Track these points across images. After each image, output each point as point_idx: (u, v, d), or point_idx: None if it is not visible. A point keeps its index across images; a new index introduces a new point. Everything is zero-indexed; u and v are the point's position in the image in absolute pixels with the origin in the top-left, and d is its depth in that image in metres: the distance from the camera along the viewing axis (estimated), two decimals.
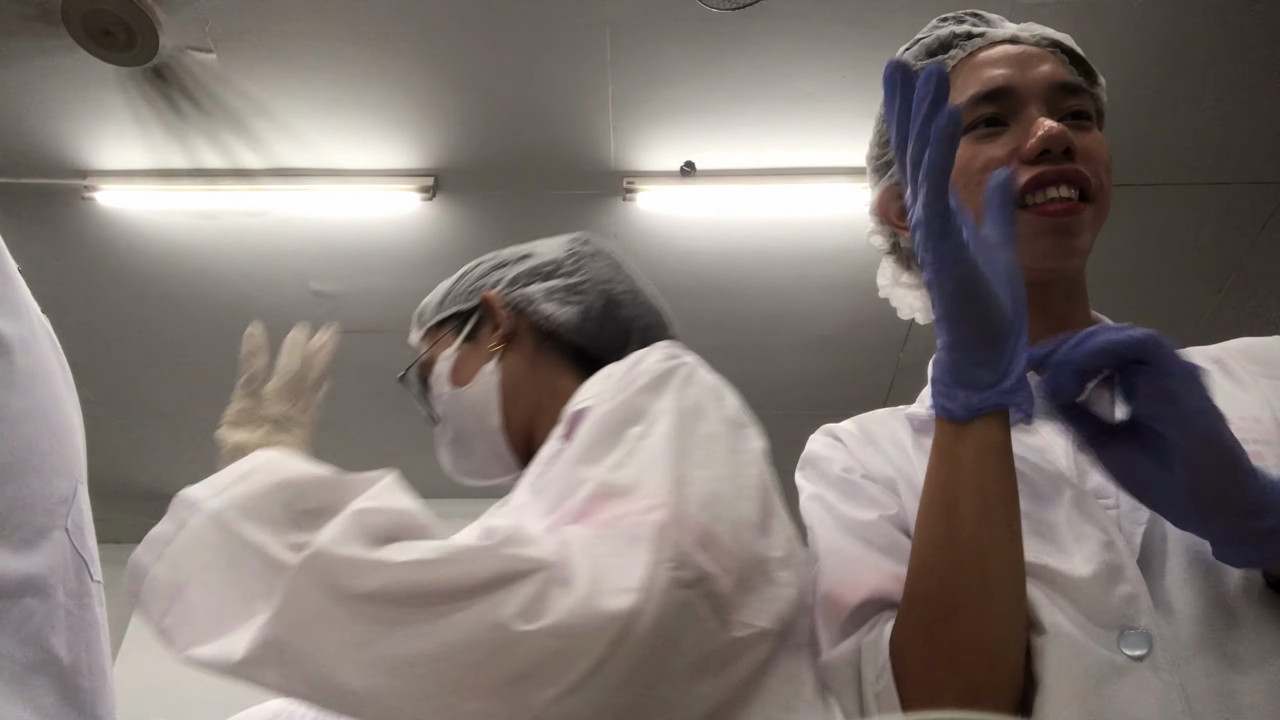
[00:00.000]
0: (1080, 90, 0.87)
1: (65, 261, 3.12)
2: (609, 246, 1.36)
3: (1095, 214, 0.83)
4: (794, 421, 4.37)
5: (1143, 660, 0.66)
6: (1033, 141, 0.81)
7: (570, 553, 0.64)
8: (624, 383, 0.86)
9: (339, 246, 3.08)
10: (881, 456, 0.87)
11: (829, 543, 0.83)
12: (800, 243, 3.02)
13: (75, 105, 2.65)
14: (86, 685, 0.57)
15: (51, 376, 0.62)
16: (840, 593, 0.77)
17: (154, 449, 3.98)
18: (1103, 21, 2.39)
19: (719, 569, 0.66)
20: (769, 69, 2.54)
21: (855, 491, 0.85)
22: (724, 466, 0.76)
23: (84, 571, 0.60)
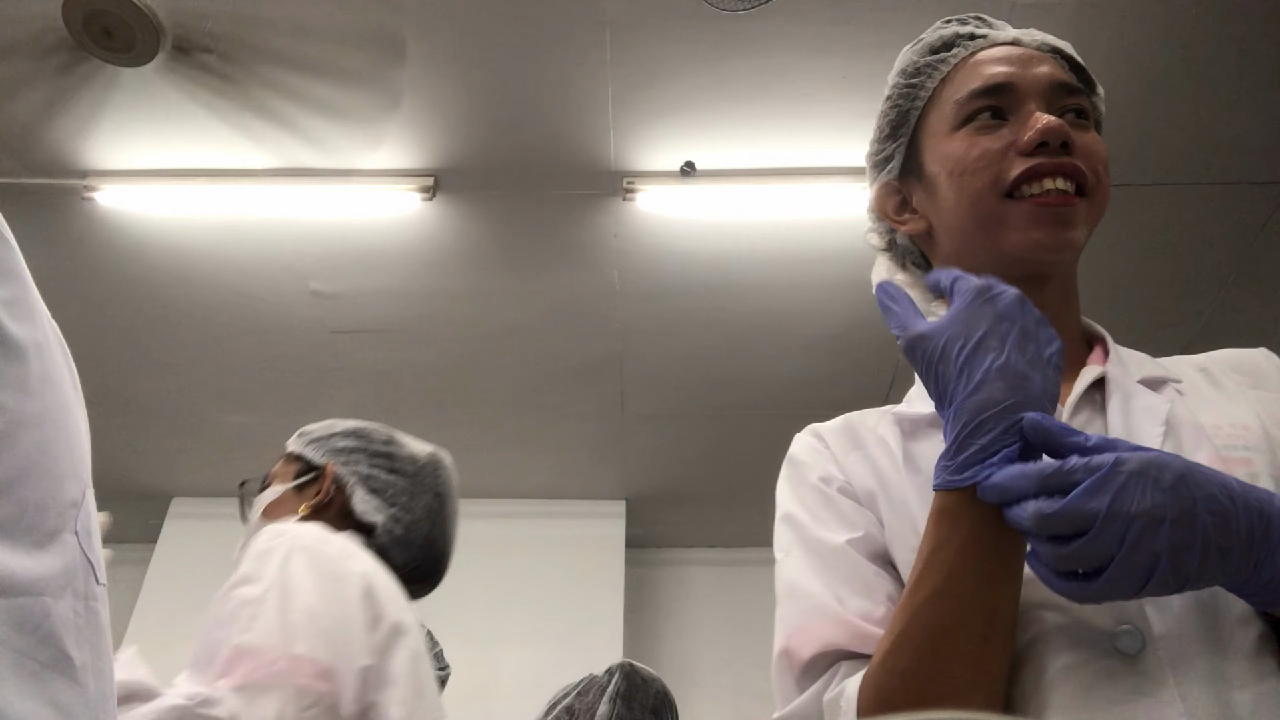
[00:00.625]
0: (1079, 91, 0.88)
1: (65, 261, 3.12)
2: (451, 484, 1.75)
3: (1091, 210, 0.83)
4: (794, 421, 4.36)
5: (1137, 658, 0.66)
6: (1030, 133, 0.81)
7: (236, 708, 0.95)
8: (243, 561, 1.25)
9: (339, 246, 3.08)
10: (866, 463, 0.86)
11: (789, 582, 0.82)
12: (800, 243, 3.02)
13: (75, 105, 2.65)
14: (93, 687, 0.58)
15: (61, 381, 0.63)
16: (794, 646, 0.77)
17: (154, 449, 3.98)
18: (1102, 21, 2.39)
19: (338, 686, 1.02)
20: (769, 69, 2.54)
21: (827, 507, 0.83)
22: (324, 607, 1.10)
23: (91, 575, 0.61)
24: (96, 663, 0.59)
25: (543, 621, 3.92)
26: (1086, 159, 0.82)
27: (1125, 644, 0.66)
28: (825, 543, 0.80)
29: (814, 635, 0.75)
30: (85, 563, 0.60)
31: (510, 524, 4.15)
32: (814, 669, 0.75)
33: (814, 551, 0.81)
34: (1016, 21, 0.99)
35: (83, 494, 0.63)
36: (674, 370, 3.53)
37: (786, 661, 0.77)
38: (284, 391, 3.66)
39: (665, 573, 4.44)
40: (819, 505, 0.84)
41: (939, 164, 0.89)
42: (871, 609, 0.75)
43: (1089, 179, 0.82)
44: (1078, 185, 0.81)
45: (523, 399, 3.68)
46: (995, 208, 0.82)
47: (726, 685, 4.10)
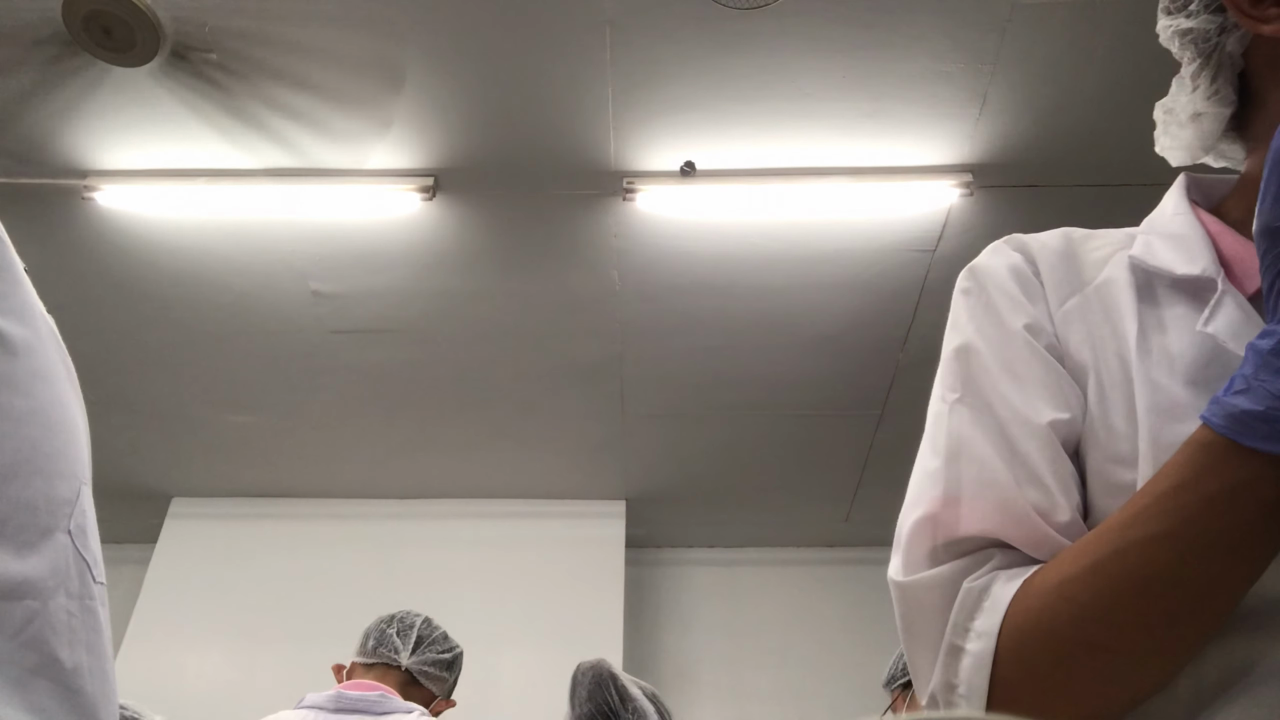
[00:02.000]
0: None
1: (65, 261, 3.12)
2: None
3: None
4: (794, 421, 4.41)
5: None
6: None
7: None
8: None
9: (339, 246, 3.08)
10: (1086, 318, 0.66)
11: (959, 437, 0.66)
12: (800, 243, 3.02)
13: (75, 105, 2.65)
14: (89, 688, 0.57)
15: (55, 377, 0.62)
16: (947, 517, 0.63)
17: (154, 449, 3.98)
18: (1102, 21, 2.39)
19: None
20: (769, 69, 2.54)
21: (1030, 371, 0.65)
22: None
23: (87, 574, 0.60)
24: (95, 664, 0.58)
25: (543, 621, 3.92)
26: None
27: None
28: (1016, 408, 0.64)
29: (976, 513, 0.62)
30: (80, 562, 0.59)
31: (510, 524, 4.15)
32: (962, 546, 0.62)
33: (998, 410, 0.65)
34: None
35: (78, 492, 0.61)
36: (674, 370, 3.53)
37: (930, 527, 0.64)
38: (284, 391, 3.66)
39: (665, 573, 4.44)
40: (1016, 358, 0.66)
41: None
42: (1056, 509, 0.60)
43: None
44: None
45: (523, 399, 3.68)
46: None
47: (726, 685, 4.10)
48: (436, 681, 2.09)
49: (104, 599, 0.63)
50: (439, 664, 2.10)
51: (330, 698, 1.90)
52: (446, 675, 2.12)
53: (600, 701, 1.83)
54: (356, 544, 4.12)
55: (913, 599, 0.64)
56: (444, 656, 2.11)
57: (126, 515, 4.29)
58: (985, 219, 2.92)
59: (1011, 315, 0.68)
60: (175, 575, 4.07)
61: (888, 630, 0.87)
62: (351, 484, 4.16)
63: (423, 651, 2.08)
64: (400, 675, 2.04)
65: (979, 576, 0.60)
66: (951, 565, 0.61)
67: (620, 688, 1.87)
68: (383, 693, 1.92)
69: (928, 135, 2.68)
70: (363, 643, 2.09)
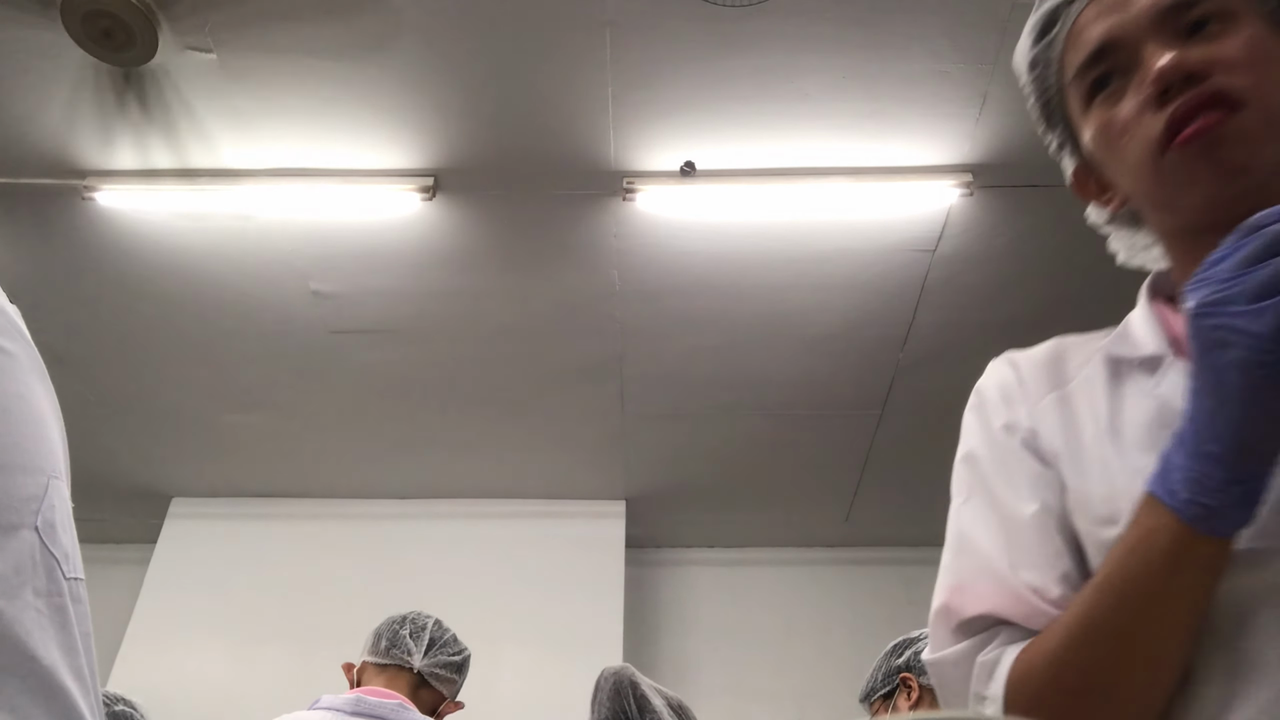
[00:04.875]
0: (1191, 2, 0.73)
1: (65, 261, 3.12)
2: None
3: (1261, 115, 0.69)
4: (794, 421, 4.40)
5: None
6: (1148, 86, 0.71)
7: None
8: None
9: (339, 246, 3.08)
10: (1061, 410, 0.77)
11: (962, 534, 0.78)
12: (800, 243, 3.02)
13: (75, 105, 2.65)
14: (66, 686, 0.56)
15: (16, 367, 0.61)
16: (956, 604, 0.75)
17: (154, 449, 3.98)
18: None
19: None
20: (769, 69, 2.54)
21: (1012, 462, 0.77)
22: None
23: (56, 570, 0.58)
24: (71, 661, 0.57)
25: (543, 621, 3.92)
26: (1230, 71, 0.69)
27: None
28: (1007, 504, 0.76)
29: (979, 597, 0.73)
30: (48, 558, 0.58)
31: (510, 524, 4.15)
32: (973, 626, 0.73)
33: (994, 508, 0.77)
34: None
35: (45, 486, 0.60)
36: (674, 370, 3.53)
37: (945, 613, 0.75)
38: (284, 391, 3.66)
39: (665, 573, 4.44)
40: (1003, 457, 0.78)
41: (1093, 146, 0.79)
42: (1047, 586, 0.71)
43: (1238, 86, 0.69)
44: (1229, 103, 0.69)
45: (523, 399, 3.68)
46: (1160, 172, 0.71)
47: (726, 685, 4.10)
48: (447, 684, 2.09)
49: (79, 594, 0.61)
50: (450, 666, 2.10)
51: (349, 701, 1.88)
52: (456, 678, 2.12)
53: (618, 709, 1.82)
54: (356, 544, 4.12)
55: (940, 674, 0.76)
56: (455, 659, 2.11)
57: (126, 515, 4.29)
58: (985, 219, 2.92)
59: (995, 419, 0.80)
60: (175, 575, 4.07)
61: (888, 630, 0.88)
62: (351, 484, 4.16)
63: (435, 654, 2.07)
64: (412, 677, 2.03)
65: (990, 651, 0.71)
66: (965, 644, 0.73)
67: (640, 696, 1.86)
68: (400, 702, 1.92)
69: (927, 135, 2.68)
70: (374, 643, 2.08)
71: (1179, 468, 0.61)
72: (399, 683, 2.00)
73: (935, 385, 3.46)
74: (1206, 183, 0.69)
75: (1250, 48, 0.71)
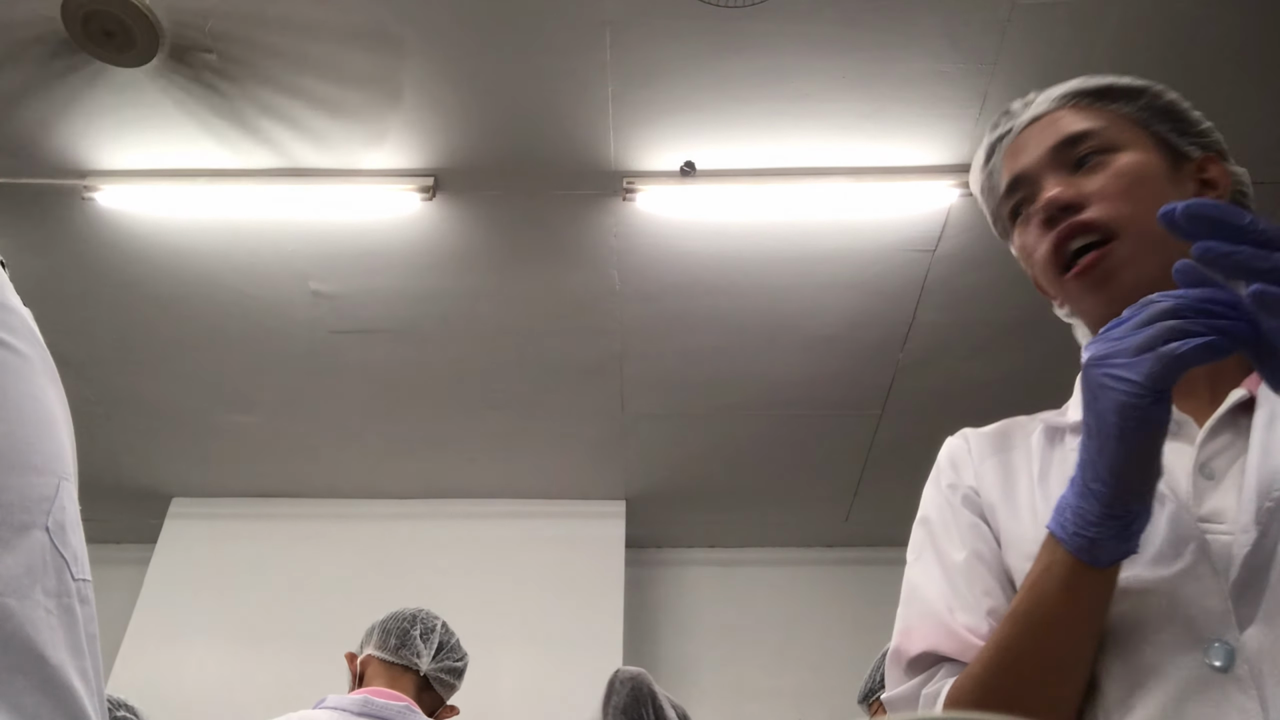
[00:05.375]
0: (1085, 136, 0.89)
1: (65, 261, 3.12)
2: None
3: (1135, 241, 0.83)
4: (794, 421, 4.40)
5: (1225, 672, 0.69)
6: (1035, 218, 0.88)
7: None
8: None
9: (339, 246, 3.08)
10: (1001, 470, 0.90)
11: (911, 586, 0.91)
12: (800, 243, 3.02)
13: (75, 105, 2.65)
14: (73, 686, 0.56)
15: (29, 371, 0.61)
16: (904, 645, 0.86)
17: (154, 449, 3.98)
18: (1103, 21, 2.39)
19: None
20: (769, 69, 2.54)
21: (951, 517, 0.90)
22: None
23: (65, 571, 0.59)
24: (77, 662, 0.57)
25: (543, 621, 3.92)
26: (1102, 201, 0.85)
27: (1214, 656, 0.69)
28: (946, 554, 0.88)
29: (922, 638, 0.84)
30: (58, 559, 0.58)
31: (510, 524, 4.15)
32: (919, 664, 0.84)
33: (938, 559, 0.89)
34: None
35: (56, 487, 0.60)
36: (674, 370, 3.53)
37: (896, 657, 0.87)
38: (284, 391, 3.66)
39: (665, 573, 4.44)
40: (946, 514, 0.91)
41: (1019, 260, 0.96)
42: (978, 623, 0.82)
43: (1105, 219, 0.84)
44: (1103, 233, 0.84)
45: (523, 399, 3.68)
46: (1063, 290, 0.88)
47: (726, 685, 4.10)
48: (447, 688, 2.09)
49: (86, 595, 0.62)
50: (453, 671, 2.10)
51: (356, 701, 1.88)
52: (457, 683, 2.12)
53: (635, 716, 1.82)
54: (357, 544, 4.12)
55: (895, 709, 0.86)
56: (458, 665, 2.12)
57: (126, 515, 4.29)
58: (985, 219, 2.92)
59: (943, 481, 0.93)
60: (175, 575, 4.07)
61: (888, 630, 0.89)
62: (351, 484, 4.16)
63: (442, 658, 2.07)
64: (417, 679, 2.03)
65: (934, 684, 0.82)
66: (914, 681, 0.84)
67: (658, 707, 1.86)
68: (408, 704, 1.92)
69: (928, 135, 2.68)
70: (383, 638, 2.06)
71: (1069, 506, 0.71)
72: (404, 683, 2.00)
73: (935, 385, 3.46)
74: (1101, 304, 0.84)
75: (1120, 179, 0.86)
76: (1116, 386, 0.66)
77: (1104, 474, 0.68)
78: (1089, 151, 0.88)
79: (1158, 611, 0.73)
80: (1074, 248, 0.85)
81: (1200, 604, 0.71)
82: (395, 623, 2.10)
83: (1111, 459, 0.67)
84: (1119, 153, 0.88)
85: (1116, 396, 0.66)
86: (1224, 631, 0.70)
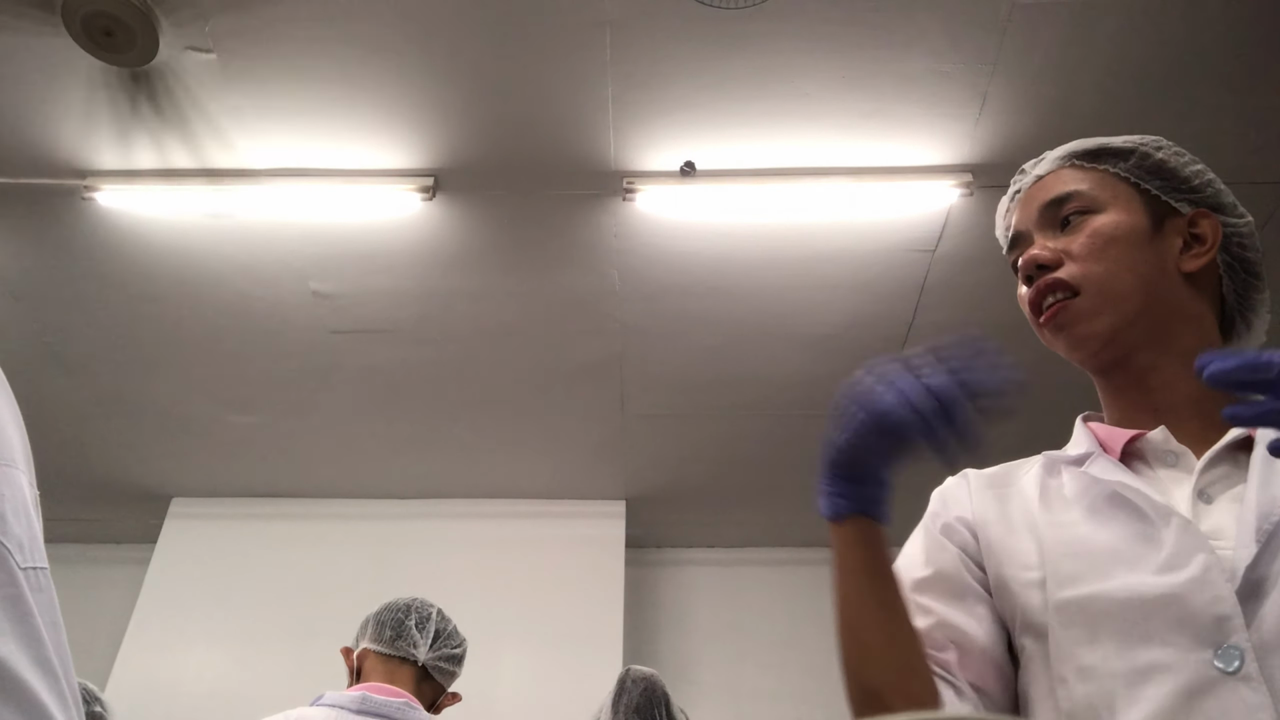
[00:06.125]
0: (1070, 197, 0.98)
1: (65, 261, 3.12)
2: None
3: (1093, 298, 0.93)
4: (794, 421, 4.40)
5: (1235, 674, 0.72)
6: (1019, 274, 1.01)
7: None
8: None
9: (339, 246, 3.08)
10: (997, 502, 0.98)
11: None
12: (800, 242, 3.02)
13: (75, 105, 2.65)
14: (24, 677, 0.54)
15: None
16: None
17: (154, 449, 3.98)
18: (1102, 21, 2.39)
19: None
20: (769, 69, 2.54)
21: (925, 544, 0.99)
22: None
23: (8, 560, 0.56)
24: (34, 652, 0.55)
25: (543, 621, 3.92)
26: (1071, 262, 0.95)
27: (1224, 659, 0.73)
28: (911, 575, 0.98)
29: None
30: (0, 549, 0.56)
31: (510, 524, 4.15)
32: None
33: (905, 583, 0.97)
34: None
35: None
36: (674, 370, 3.53)
37: None
38: (284, 391, 3.66)
39: (665, 573, 4.44)
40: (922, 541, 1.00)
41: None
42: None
43: (1072, 278, 0.94)
44: (1070, 289, 0.94)
45: (523, 399, 3.68)
46: (1041, 335, 1.00)
47: (726, 685, 4.10)
48: (448, 676, 2.08)
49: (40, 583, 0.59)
50: (452, 659, 2.08)
51: (354, 699, 1.86)
52: (457, 670, 2.11)
53: (648, 717, 1.82)
54: (357, 544, 4.12)
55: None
56: (457, 651, 2.10)
57: (126, 515, 4.29)
58: (985, 219, 2.91)
59: (929, 514, 1.02)
60: (175, 575, 4.07)
61: None
62: (351, 484, 4.16)
63: (439, 647, 2.05)
64: (416, 670, 2.01)
65: None
66: None
67: (671, 713, 1.86)
68: (407, 700, 1.90)
69: (928, 135, 2.68)
70: (378, 631, 2.04)
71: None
72: (402, 675, 1.99)
73: None
74: (1064, 349, 0.97)
75: (1091, 239, 0.95)
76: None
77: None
78: (1072, 211, 0.97)
79: (1166, 616, 0.77)
80: (1046, 302, 0.96)
81: (1210, 610, 0.75)
82: (389, 614, 2.07)
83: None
84: (1098, 214, 0.96)
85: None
86: (1233, 635, 0.73)
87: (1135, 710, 0.75)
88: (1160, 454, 0.89)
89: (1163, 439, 0.89)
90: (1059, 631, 0.83)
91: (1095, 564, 0.82)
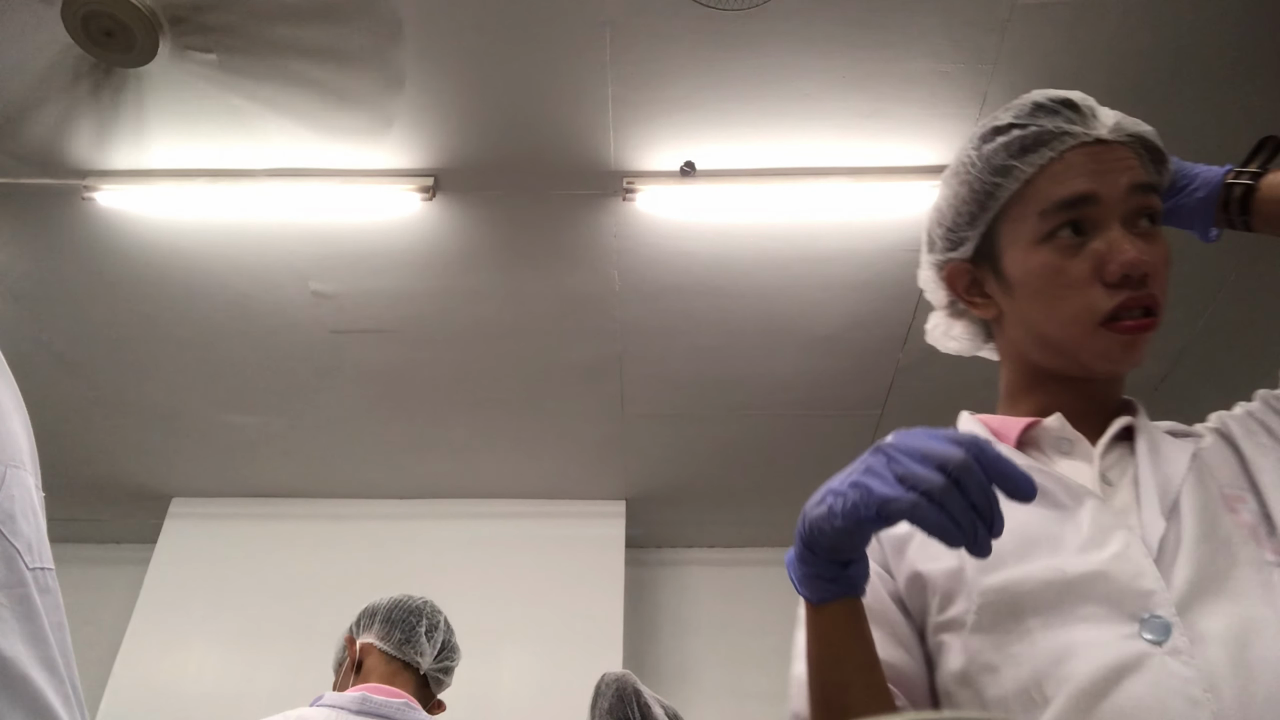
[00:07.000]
0: (1152, 189, 0.92)
1: (65, 261, 3.12)
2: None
3: (1157, 325, 0.89)
4: (794, 421, 4.39)
5: (1162, 645, 0.73)
6: (1113, 267, 0.86)
7: None
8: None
9: (339, 247, 3.08)
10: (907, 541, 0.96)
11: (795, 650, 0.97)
12: (800, 243, 3.02)
13: (75, 105, 2.65)
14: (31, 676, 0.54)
15: None
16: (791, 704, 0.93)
17: (154, 449, 3.98)
18: (1102, 21, 2.39)
19: None
20: (769, 69, 2.54)
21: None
22: None
23: (16, 560, 0.57)
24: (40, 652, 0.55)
25: (543, 621, 3.92)
26: (1157, 281, 0.89)
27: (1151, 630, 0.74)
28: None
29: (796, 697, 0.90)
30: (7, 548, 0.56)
31: (510, 524, 4.15)
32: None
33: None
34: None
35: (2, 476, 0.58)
36: (674, 370, 3.53)
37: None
38: (284, 392, 3.66)
39: (665, 573, 4.44)
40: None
41: (1023, 273, 0.93)
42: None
43: (1159, 302, 0.89)
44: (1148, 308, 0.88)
45: (523, 399, 3.68)
46: (1089, 334, 0.88)
47: (726, 685, 4.10)
48: (440, 685, 2.09)
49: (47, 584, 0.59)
50: (448, 670, 2.09)
51: (354, 699, 1.86)
52: (448, 680, 2.12)
53: (620, 717, 1.82)
54: (357, 544, 4.12)
55: None
56: (452, 664, 2.11)
57: (126, 515, 4.29)
58: None
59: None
60: (175, 575, 4.07)
61: None
62: (351, 484, 4.16)
63: (442, 658, 2.05)
64: (417, 677, 2.01)
65: None
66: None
67: (643, 705, 1.86)
68: (406, 701, 1.90)
69: (928, 135, 2.68)
70: (387, 630, 2.03)
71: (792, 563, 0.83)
72: (403, 679, 1.99)
73: (935, 385, 3.46)
74: (1117, 363, 0.89)
75: (1166, 269, 0.90)
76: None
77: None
78: (1150, 212, 0.91)
79: (1091, 594, 0.77)
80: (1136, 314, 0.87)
81: (1134, 584, 0.77)
82: (401, 614, 2.05)
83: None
84: (1160, 233, 0.93)
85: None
86: (1158, 607, 0.75)
87: (1065, 688, 0.74)
88: (1055, 441, 0.90)
89: (1059, 425, 0.90)
90: (982, 618, 0.81)
91: (1014, 548, 0.81)
